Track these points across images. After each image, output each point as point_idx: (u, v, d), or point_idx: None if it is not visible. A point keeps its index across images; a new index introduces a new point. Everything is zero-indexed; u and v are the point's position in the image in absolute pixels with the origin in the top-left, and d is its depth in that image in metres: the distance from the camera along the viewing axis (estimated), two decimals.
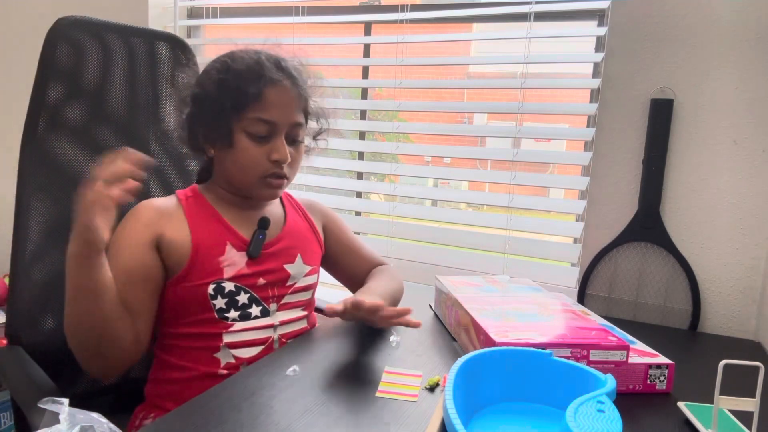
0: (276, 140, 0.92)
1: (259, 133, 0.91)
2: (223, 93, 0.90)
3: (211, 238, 0.92)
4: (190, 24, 1.85)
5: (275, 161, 0.92)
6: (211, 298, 0.91)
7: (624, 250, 1.29)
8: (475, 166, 1.83)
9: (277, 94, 0.91)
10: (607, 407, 0.61)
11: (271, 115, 0.91)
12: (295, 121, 0.94)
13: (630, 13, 1.23)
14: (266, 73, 0.90)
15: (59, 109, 1.00)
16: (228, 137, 0.91)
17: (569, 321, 0.91)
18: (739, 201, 1.19)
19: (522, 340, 0.79)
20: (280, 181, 0.94)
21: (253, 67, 0.90)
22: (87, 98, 1.05)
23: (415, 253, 1.57)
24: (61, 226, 1.00)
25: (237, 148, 0.92)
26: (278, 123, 0.92)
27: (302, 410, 0.72)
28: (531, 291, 1.09)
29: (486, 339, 0.83)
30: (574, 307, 1.03)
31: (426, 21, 1.57)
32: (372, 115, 1.75)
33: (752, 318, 1.20)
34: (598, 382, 0.68)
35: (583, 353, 0.80)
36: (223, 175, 0.97)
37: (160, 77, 1.17)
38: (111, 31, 1.08)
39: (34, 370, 0.88)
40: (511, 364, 0.74)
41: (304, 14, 1.66)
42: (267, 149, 0.92)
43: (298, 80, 0.94)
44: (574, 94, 1.61)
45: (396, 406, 0.75)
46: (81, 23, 1.03)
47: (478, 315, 0.91)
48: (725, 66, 1.18)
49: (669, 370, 0.84)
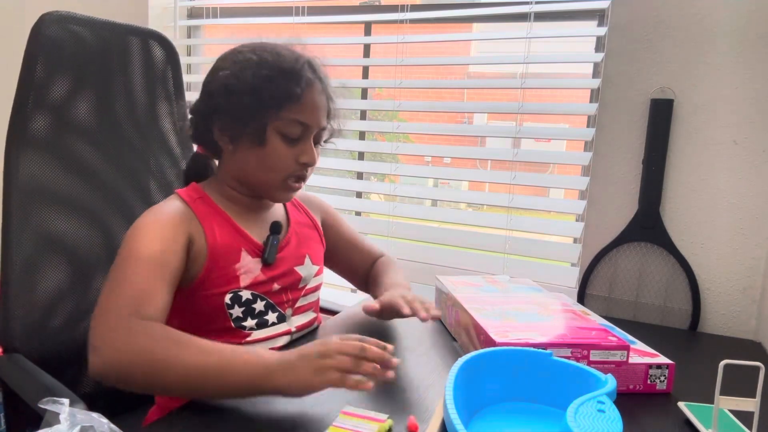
0: (306, 142, 0.90)
1: (293, 134, 0.88)
2: (264, 89, 0.86)
3: (226, 244, 0.88)
4: (190, 24, 1.85)
5: (303, 164, 0.90)
6: (227, 308, 0.87)
7: (624, 250, 1.29)
8: (475, 166, 1.83)
9: (313, 97, 0.89)
10: (607, 407, 0.61)
11: (307, 118, 0.88)
12: (324, 125, 0.93)
13: (630, 13, 1.23)
14: (306, 73, 0.88)
15: (45, 105, 0.98)
16: (261, 135, 0.87)
17: (569, 321, 0.91)
18: (739, 201, 1.19)
19: (522, 340, 0.79)
20: (300, 184, 0.92)
21: (295, 66, 0.87)
22: (78, 96, 1.03)
23: (415, 253, 1.57)
24: (50, 233, 0.99)
25: (268, 147, 0.88)
26: (311, 126, 0.90)
27: (302, 410, 0.72)
28: (531, 291, 1.09)
29: (486, 339, 0.83)
30: (575, 307, 1.03)
31: (426, 21, 1.57)
32: (372, 115, 1.75)
33: (752, 318, 1.20)
34: (598, 383, 0.68)
35: (584, 353, 0.80)
36: (237, 173, 0.92)
37: (155, 78, 1.16)
38: (97, 27, 1.06)
39: (41, 374, 0.87)
40: (512, 364, 0.75)
41: (304, 14, 1.66)
42: (297, 151, 0.89)
43: (326, 82, 0.93)
44: (574, 94, 1.61)
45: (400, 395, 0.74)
46: (67, 19, 1.01)
47: (479, 315, 0.91)
48: (725, 66, 1.18)
49: (669, 370, 0.84)
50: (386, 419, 0.70)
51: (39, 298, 0.97)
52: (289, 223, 1.01)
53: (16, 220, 0.95)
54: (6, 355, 0.93)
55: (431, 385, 0.82)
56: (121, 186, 1.11)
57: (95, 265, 1.05)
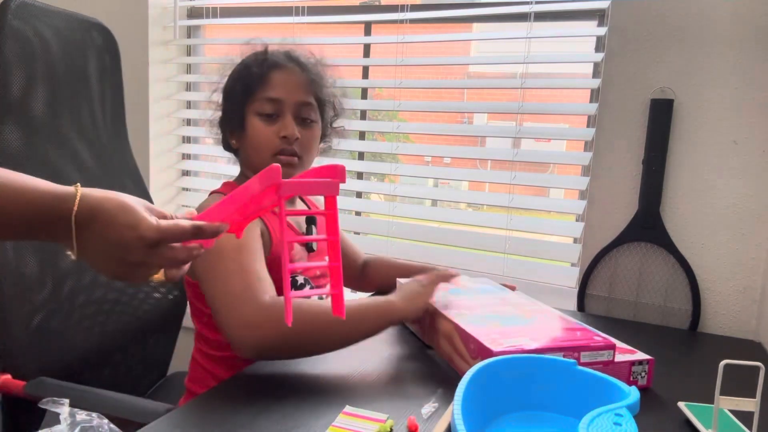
0: (284, 118, 0.97)
1: (266, 110, 0.96)
2: (235, 83, 0.99)
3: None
4: (190, 24, 1.85)
5: (284, 137, 0.96)
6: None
7: (624, 250, 1.29)
8: (475, 166, 1.83)
9: (283, 76, 0.97)
10: (624, 420, 0.59)
11: (277, 93, 0.96)
12: (302, 100, 0.98)
13: (630, 13, 1.23)
14: (271, 57, 0.98)
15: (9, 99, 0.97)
16: (241, 121, 0.98)
17: (550, 322, 0.90)
18: (739, 201, 1.19)
19: (517, 347, 0.78)
20: (289, 158, 0.97)
21: (260, 55, 0.99)
22: (41, 86, 1.02)
23: (415, 253, 1.57)
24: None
25: (249, 129, 0.97)
26: (284, 100, 0.96)
27: (302, 410, 0.72)
28: (495, 290, 1.07)
29: (479, 348, 0.80)
30: (542, 304, 1.00)
31: (426, 21, 1.57)
32: (372, 115, 1.75)
33: (752, 318, 1.20)
34: (621, 394, 0.66)
35: (574, 356, 0.80)
36: (247, 166, 1.03)
37: (95, 68, 1.15)
38: (47, 17, 1.04)
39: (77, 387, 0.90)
40: (532, 372, 0.72)
41: (304, 14, 1.66)
42: (276, 128, 0.96)
43: (307, 66, 1.00)
44: (574, 94, 1.61)
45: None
46: (26, 7, 0.99)
47: (462, 322, 0.87)
48: (725, 66, 1.18)
49: (649, 365, 0.86)
50: (386, 419, 0.70)
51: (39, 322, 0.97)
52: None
53: None
54: (33, 381, 0.93)
55: (432, 385, 0.82)
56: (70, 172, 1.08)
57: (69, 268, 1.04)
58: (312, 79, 0.99)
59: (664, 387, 0.86)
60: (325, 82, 1.02)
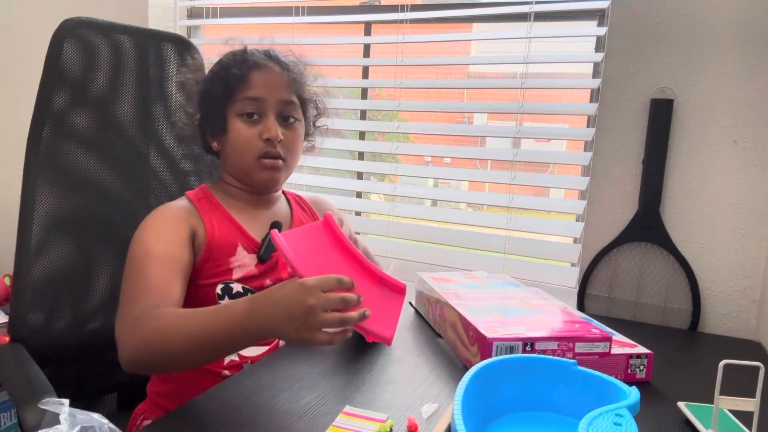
0: (266, 119, 0.94)
1: (247, 110, 0.93)
2: (214, 84, 0.95)
3: (224, 238, 0.93)
4: (190, 24, 1.85)
5: (267, 140, 0.93)
6: (218, 298, 0.91)
7: (624, 250, 1.29)
8: (475, 166, 1.83)
9: (263, 75, 0.94)
10: (624, 420, 0.59)
11: (258, 93, 0.93)
12: (283, 98, 0.96)
13: (630, 13, 1.23)
14: (250, 57, 0.94)
15: (65, 110, 1.01)
16: (223, 123, 0.95)
17: (552, 315, 0.93)
18: (739, 201, 1.19)
19: (512, 335, 0.81)
20: (273, 161, 0.95)
21: (239, 55, 0.95)
22: (92, 99, 1.06)
23: (415, 253, 1.57)
24: (64, 226, 1.01)
25: (231, 131, 0.94)
26: (265, 99, 0.94)
27: (302, 410, 0.72)
28: (510, 286, 1.12)
29: (476, 335, 0.84)
30: (554, 300, 1.05)
31: (426, 21, 1.57)
32: (372, 115, 1.75)
33: (752, 318, 1.20)
34: (621, 394, 0.66)
35: (569, 346, 0.82)
36: (228, 168, 0.99)
37: (165, 77, 1.17)
38: (116, 32, 1.08)
39: (32, 368, 0.88)
40: (532, 371, 0.73)
41: (304, 14, 1.66)
42: (259, 129, 0.94)
43: (288, 66, 0.97)
44: (574, 94, 1.61)
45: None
46: (87, 24, 1.03)
47: (466, 312, 0.92)
48: (725, 66, 1.17)
49: (648, 359, 0.86)
50: (386, 419, 0.70)
51: (48, 293, 0.98)
52: (292, 222, 1.03)
53: (35, 210, 0.97)
54: (9, 344, 0.94)
55: (432, 385, 0.82)
56: (126, 190, 1.11)
57: (102, 264, 1.07)
58: (293, 77, 0.97)
59: (664, 387, 0.86)
60: (306, 81, 1.01)
